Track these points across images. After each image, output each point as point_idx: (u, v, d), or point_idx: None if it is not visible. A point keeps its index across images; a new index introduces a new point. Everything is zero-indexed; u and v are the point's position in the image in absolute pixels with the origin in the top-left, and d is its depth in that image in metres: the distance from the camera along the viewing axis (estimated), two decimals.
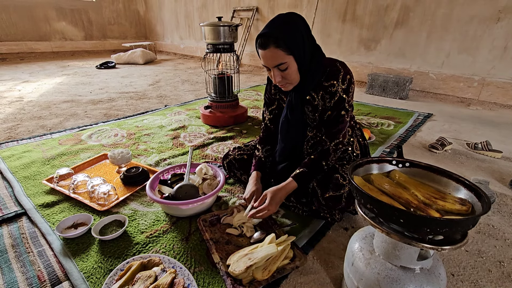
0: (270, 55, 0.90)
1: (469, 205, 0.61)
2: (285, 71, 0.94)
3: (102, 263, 0.90)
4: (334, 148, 1.03)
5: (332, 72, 0.98)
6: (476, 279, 0.88)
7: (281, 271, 0.84)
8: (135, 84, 3.61)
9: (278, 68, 0.93)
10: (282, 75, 0.95)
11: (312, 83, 1.01)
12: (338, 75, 0.97)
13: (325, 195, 1.02)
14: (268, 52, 0.90)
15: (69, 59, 5.57)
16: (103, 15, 6.65)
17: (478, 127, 2.22)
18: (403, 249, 0.63)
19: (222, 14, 5.07)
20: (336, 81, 0.98)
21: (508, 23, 2.58)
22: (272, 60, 0.92)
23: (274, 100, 1.19)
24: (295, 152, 1.15)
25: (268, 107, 1.22)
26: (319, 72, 0.99)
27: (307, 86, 1.02)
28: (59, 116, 2.36)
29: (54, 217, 1.11)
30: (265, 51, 0.91)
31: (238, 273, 0.79)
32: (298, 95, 1.05)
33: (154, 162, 1.58)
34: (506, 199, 1.29)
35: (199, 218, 1.07)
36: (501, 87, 2.78)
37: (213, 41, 1.94)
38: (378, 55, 3.48)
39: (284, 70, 0.93)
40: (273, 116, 1.21)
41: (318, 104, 1.04)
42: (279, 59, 0.91)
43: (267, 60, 0.93)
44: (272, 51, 0.90)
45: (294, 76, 0.96)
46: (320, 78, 1.00)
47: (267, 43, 0.89)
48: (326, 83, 0.99)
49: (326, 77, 0.99)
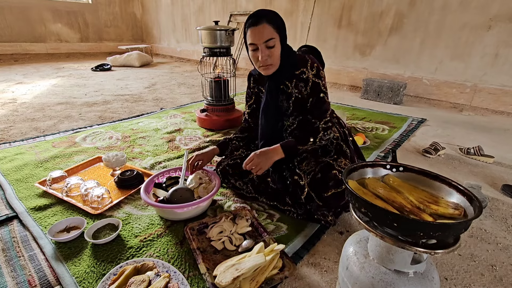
0: (262, 30, 1.00)
1: (462, 209, 0.62)
2: (272, 49, 1.03)
3: (95, 267, 0.89)
4: (324, 127, 1.11)
5: (300, 61, 1.11)
6: (469, 283, 0.89)
7: (270, 282, 0.82)
8: (130, 86, 3.60)
9: (267, 44, 1.02)
10: (268, 54, 1.03)
11: (287, 73, 1.12)
12: (306, 63, 1.10)
13: (325, 194, 1.02)
14: (261, 28, 1.00)
15: (64, 61, 5.54)
16: (99, 18, 6.63)
17: (471, 132, 2.26)
18: (397, 253, 0.63)
19: (219, 18, 5.10)
20: (305, 68, 1.10)
21: (498, 31, 2.64)
22: (263, 35, 1.00)
23: (252, 95, 1.31)
24: (274, 141, 1.17)
25: (247, 102, 1.35)
26: (294, 65, 1.11)
27: (283, 75, 1.13)
28: (53, 118, 2.34)
29: (46, 220, 1.09)
30: (257, 27, 1.00)
31: (225, 285, 0.77)
32: (274, 82, 1.16)
33: (149, 165, 1.57)
34: (498, 203, 1.31)
35: (186, 227, 1.03)
36: (492, 93, 2.83)
37: (210, 45, 1.95)
38: (373, 60, 3.52)
39: (271, 47, 1.02)
40: (251, 111, 1.33)
41: (291, 92, 1.15)
42: (269, 34, 1.01)
43: (258, 35, 1.01)
44: (264, 26, 1.00)
45: (277, 58, 1.06)
46: (294, 69, 1.12)
47: (259, 20, 1.00)
48: (297, 71, 1.11)
49: (296, 65, 1.12)
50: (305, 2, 3.91)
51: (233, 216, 1.11)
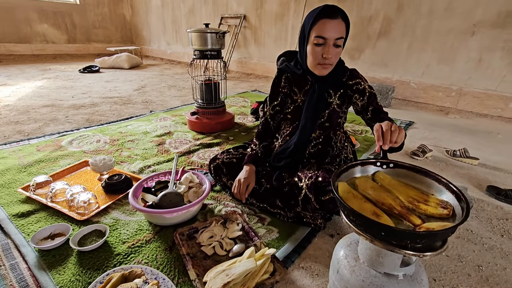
0: (338, 25, 0.93)
1: (451, 208, 0.62)
2: (338, 49, 0.97)
3: (80, 275, 0.86)
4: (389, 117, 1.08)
5: (354, 72, 1.10)
6: (457, 283, 0.90)
7: (261, 287, 0.81)
8: (119, 89, 3.54)
9: (336, 42, 0.95)
10: (334, 53, 0.97)
11: (335, 79, 1.09)
12: (359, 74, 1.09)
13: (323, 197, 1.01)
14: (337, 22, 0.92)
15: (51, 62, 5.40)
16: (87, 19, 6.52)
17: (457, 134, 2.31)
18: (386, 256, 0.64)
19: (210, 21, 5.09)
20: (361, 79, 1.08)
21: (481, 36, 2.73)
22: (338, 31, 0.93)
23: (278, 95, 1.21)
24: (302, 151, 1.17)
25: (271, 102, 1.24)
26: (342, 72, 1.09)
27: (331, 81, 1.08)
28: (38, 121, 2.27)
29: (30, 227, 1.06)
30: (334, 20, 0.92)
31: None
32: (323, 87, 1.09)
33: (138, 169, 1.54)
34: (483, 204, 1.35)
35: (175, 232, 1.01)
36: (476, 97, 2.92)
37: (200, 48, 1.94)
38: (362, 64, 3.58)
39: (338, 46, 0.96)
40: (274, 113, 1.24)
41: (332, 102, 1.11)
42: (342, 32, 0.94)
43: (332, 29, 0.93)
44: (340, 22, 0.93)
45: (337, 59, 1.02)
46: (341, 78, 1.09)
47: (336, 13, 0.92)
48: (351, 82, 1.08)
49: (350, 76, 1.09)
50: (295, 6, 3.95)
51: (224, 220, 1.10)
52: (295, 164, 1.16)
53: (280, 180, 1.15)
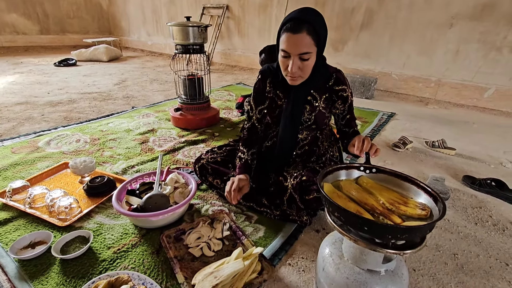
0: (300, 41, 0.88)
1: (428, 210, 0.66)
2: (305, 62, 0.93)
3: (65, 285, 0.84)
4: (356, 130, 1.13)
5: (340, 78, 1.07)
6: (434, 272, 0.96)
7: (249, 287, 0.83)
8: (98, 83, 3.40)
9: (301, 57, 0.91)
10: (300, 66, 0.93)
11: (317, 83, 1.06)
12: (345, 81, 1.08)
13: (307, 197, 1.03)
14: (299, 37, 0.87)
15: (23, 55, 5.10)
16: (60, 8, 6.16)
17: (436, 125, 2.40)
18: (369, 254, 0.66)
19: (191, 11, 4.94)
20: (346, 86, 1.07)
21: (459, 28, 2.80)
22: (300, 46, 0.88)
23: (266, 99, 1.17)
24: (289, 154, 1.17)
25: (257, 106, 1.19)
26: (325, 75, 1.06)
27: (312, 85, 1.06)
28: (12, 121, 2.15)
29: (8, 236, 1.02)
30: (296, 35, 0.87)
31: None
32: (303, 92, 1.07)
33: (121, 170, 1.50)
34: (459, 194, 1.41)
35: (162, 234, 1.01)
36: (454, 88, 3.02)
37: (182, 42, 1.88)
38: (345, 56, 3.61)
39: (305, 60, 0.92)
40: (261, 116, 1.21)
41: (318, 106, 1.09)
42: (306, 47, 0.89)
43: (294, 45, 0.89)
44: (304, 37, 0.87)
45: (309, 70, 0.97)
46: (326, 82, 1.07)
47: (300, 27, 0.87)
48: (337, 87, 1.07)
49: (336, 82, 1.07)
50: None
51: (211, 221, 1.10)
52: (281, 165, 1.18)
53: (266, 179, 1.15)
